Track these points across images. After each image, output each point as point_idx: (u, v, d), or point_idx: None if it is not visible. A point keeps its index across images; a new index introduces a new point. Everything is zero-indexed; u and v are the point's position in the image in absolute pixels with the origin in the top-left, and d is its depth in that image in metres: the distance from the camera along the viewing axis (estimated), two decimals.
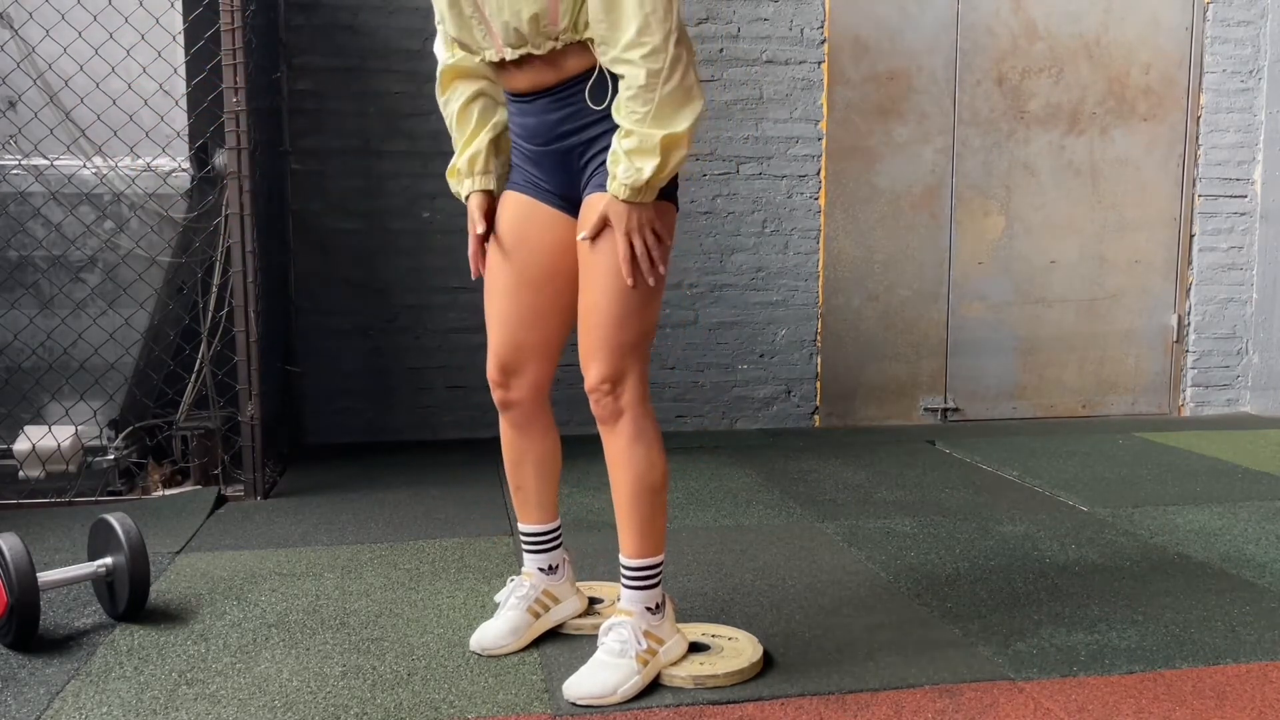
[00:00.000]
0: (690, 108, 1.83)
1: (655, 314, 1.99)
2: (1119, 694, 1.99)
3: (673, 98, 1.81)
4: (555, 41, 1.86)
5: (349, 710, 1.92)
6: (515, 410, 2.15)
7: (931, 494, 3.48)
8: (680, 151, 1.83)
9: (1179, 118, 4.88)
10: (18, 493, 3.36)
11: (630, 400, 1.96)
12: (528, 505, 2.22)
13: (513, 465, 2.21)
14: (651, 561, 2.01)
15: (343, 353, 4.31)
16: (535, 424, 2.17)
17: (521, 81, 1.94)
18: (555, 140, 1.96)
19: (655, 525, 2.01)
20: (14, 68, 3.28)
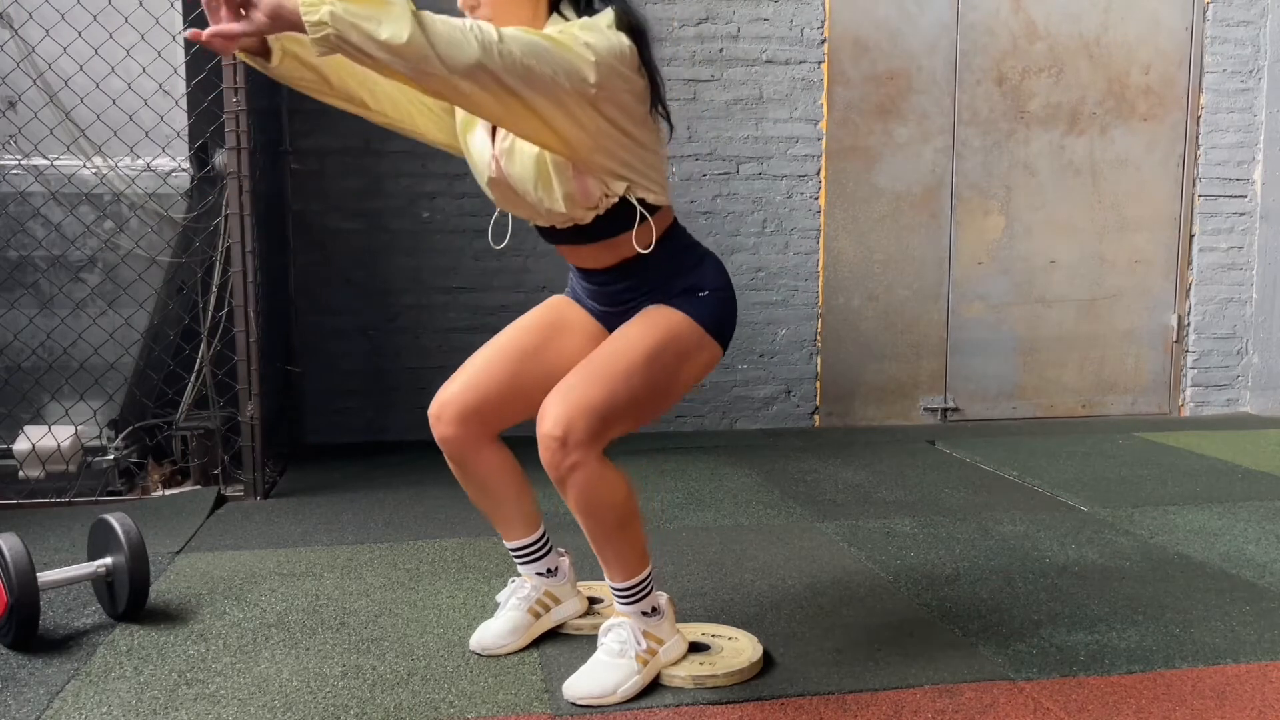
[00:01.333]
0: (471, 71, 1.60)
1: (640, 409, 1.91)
2: (1119, 694, 1.99)
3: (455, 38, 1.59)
4: (597, 209, 1.89)
5: (349, 710, 1.92)
6: (451, 445, 2.07)
7: (931, 494, 3.48)
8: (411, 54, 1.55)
9: (1179, 118, 4.88)
10: (18, 493, 3.36)
11: (578, 458, 1.83)
12: (505, 525, 2.19)
13: (476, 497, 2.16)
14: (637, 580, 1.99)
15: (343, 353, 4.31)
16: (477, 454, 2.09)
17: (584, 262, 2.02)
18: (617, 304, 2.04)
19: (633, 549, 1.96)
20: (14, 68, 3.28)
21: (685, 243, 2.03)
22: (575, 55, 1.70)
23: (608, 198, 1.87)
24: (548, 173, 1.84)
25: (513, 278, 4.37)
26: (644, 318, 1.97)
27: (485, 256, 4.36)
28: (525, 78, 1.64)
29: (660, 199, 1.94)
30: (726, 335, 2.03)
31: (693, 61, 4.44)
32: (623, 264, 1.97)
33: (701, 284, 2.00)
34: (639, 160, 1.87)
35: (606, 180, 1.85)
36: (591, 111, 1.75)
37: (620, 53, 1.75)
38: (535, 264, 4.35)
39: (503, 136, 1.88)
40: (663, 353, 1.92)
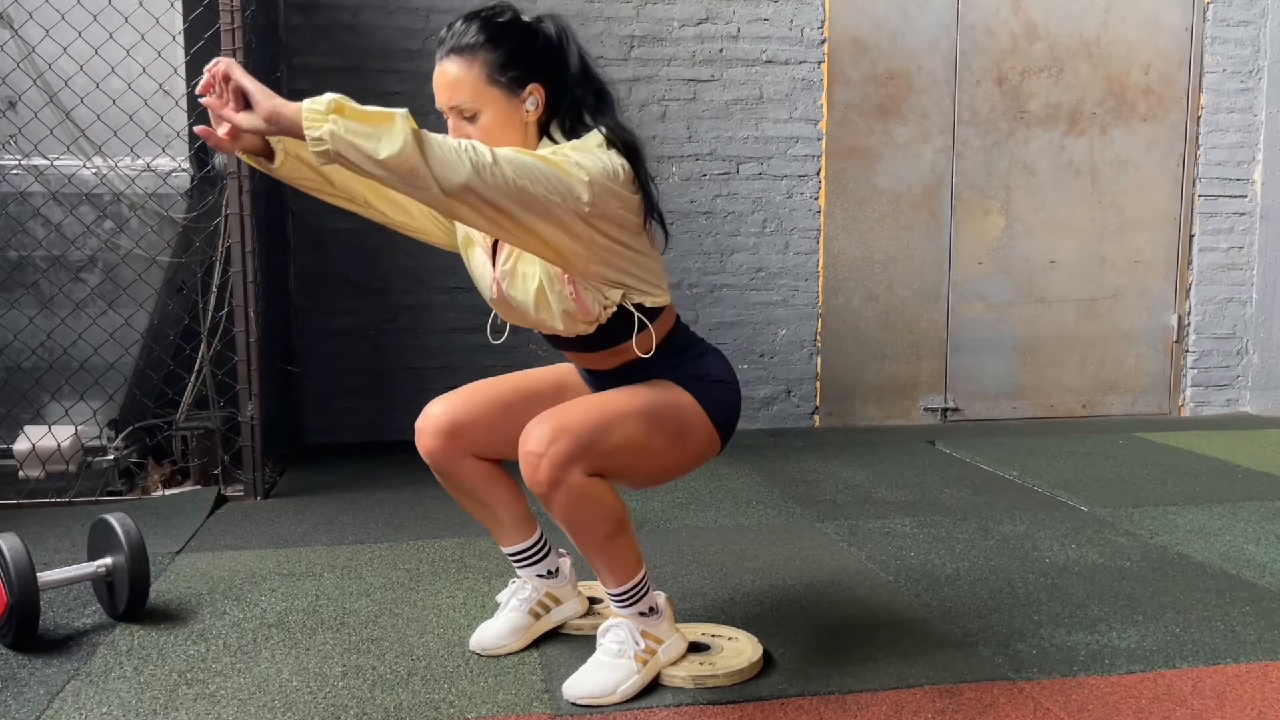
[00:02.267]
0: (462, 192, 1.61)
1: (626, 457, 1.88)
2: (1119, 694, 1.99)
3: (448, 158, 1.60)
4: (599, 319, 1.90)
5: (349, 710, 1.92)
6: (435, 457, 2.08)
7: (931, 494, 3.48)
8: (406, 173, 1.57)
9: (1179, 118, 4.88)
10: (18, 493, 3.36)
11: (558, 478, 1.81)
12: (500, 532, 2.19)
13: (466, 506, 2.16)
14: (630, 584, 1.99)
15: (343, 353, 4.31)
16: (459, 466, 2.09)
17: (591, 365, 2.03)
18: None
19: (623, 557, 1.95)
20: (14, 68, 3.28)
21: (689, 340, 2.05)
22: (568, 175, 1.72)
23: (606, 309, 1.89)
24: (546, 296, 1.86)
25: None
26: (651, 384, 1.98)
27: None
28: (518, 198, 1.66)
29: (659, 300, 1.95)
30: (728, 430, 2.02)
31: (693, 61, 4.44)
32: (629, 365, 1.99)
33: (705, 374, 2.01)
34: (636, 267, 1.89)
35: (603, 290, 1.87)
36: (586, 227, 1.77)
37: (612, 171, 1.78)
38: None
39: (503, 259, 1.90)
40: (661, 414, 1.93)
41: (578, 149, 1.80)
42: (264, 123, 1.59)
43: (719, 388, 2.01)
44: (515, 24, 1.85)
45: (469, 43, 1.82)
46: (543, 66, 1.86)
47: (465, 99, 1.82)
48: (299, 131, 1.57)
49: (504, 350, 3.94)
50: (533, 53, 1.85)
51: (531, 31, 1.87)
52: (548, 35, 1.88)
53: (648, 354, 1.95)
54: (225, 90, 1.62)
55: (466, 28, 1.83)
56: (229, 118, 1.62)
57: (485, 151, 1.64)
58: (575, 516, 1.86)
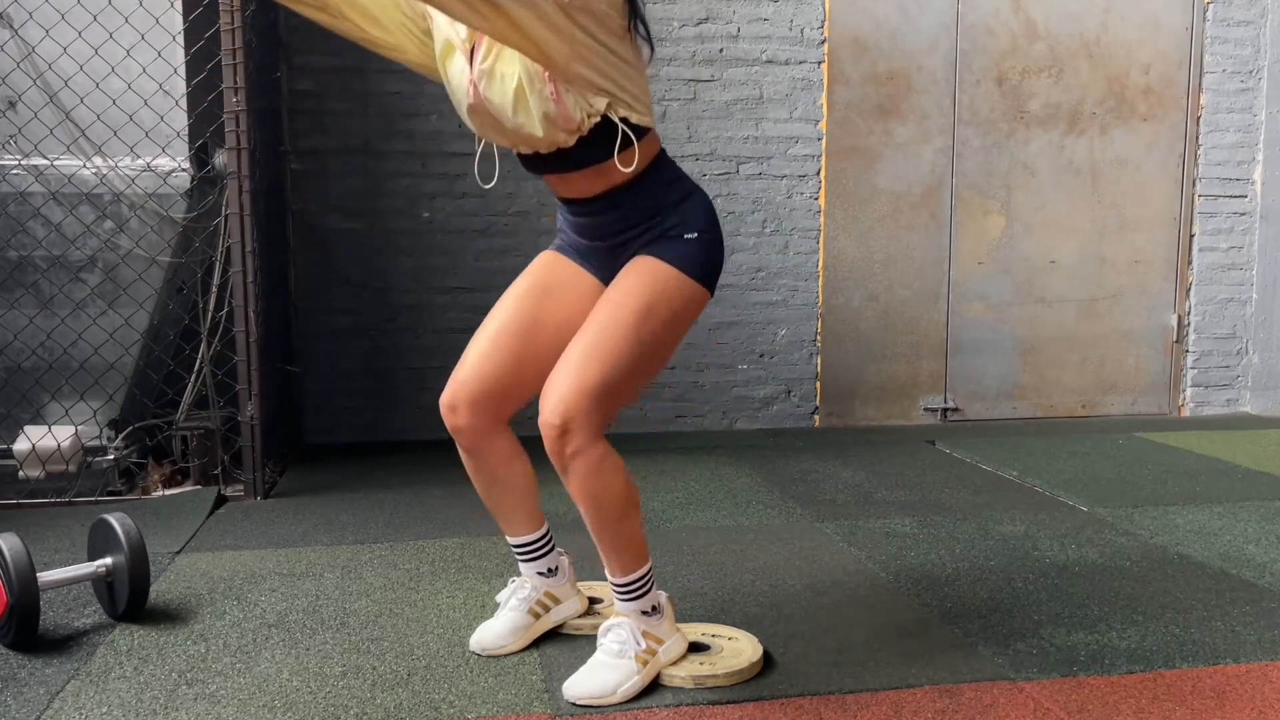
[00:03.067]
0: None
1: (641, 376, 1.93)
2: (1119, 694, 1.99)
3: None
4: (580, 131, 1.86)
5: (349, 710, 1.92)
6: (465, 435, 2.08)
7: (931, 494, 3.48)
8: None
9: (1179, 118, 4.88)
10: (18, 493, 3.36)
11: (579, 444, 1.86)
12: (509, 521, 2.20)
13: (482, 490, 2.16)
14: (637, 575, 2.00)
15: (343, 353, 4.31)
16: (490, 444, 2.10)
17: (571, 191, 1.98)
18: (606, 238, 2.01)
19: (632, 543, 1.97)
20: (14, 68, 3.28)
21: (674, 174, 2.00)
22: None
23: (590, 117, 1.84)
24: (525, 97, 1.81)
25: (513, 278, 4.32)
26: (632, 277, 1.94)
27: (485, 256, 4.36)
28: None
29: (645, 120, 1.91)
30: (714, 278, 2.01)
31: (693, 61, 4.44)
32: (610, 192, 1.94)
33: (689, 224, 1.97)
34: (620, 75, 1.85)
35: (587, 96, 1.82)
36: (567, 21, 1.73)
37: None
38: None
39: (481, 58, 1.84)
40: (653, 313, 1.91)
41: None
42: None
43: (702, 243, 1.97)
44: None
45: None
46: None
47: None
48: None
49: None
50: None
51: None
52: None
53: (629, 169, 1.90)
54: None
55: None
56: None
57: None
58: (592, 488, 1.88)
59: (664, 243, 1.96)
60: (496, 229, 4.34)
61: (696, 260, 1.96)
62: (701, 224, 1.98)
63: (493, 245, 4.35)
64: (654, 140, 1.97)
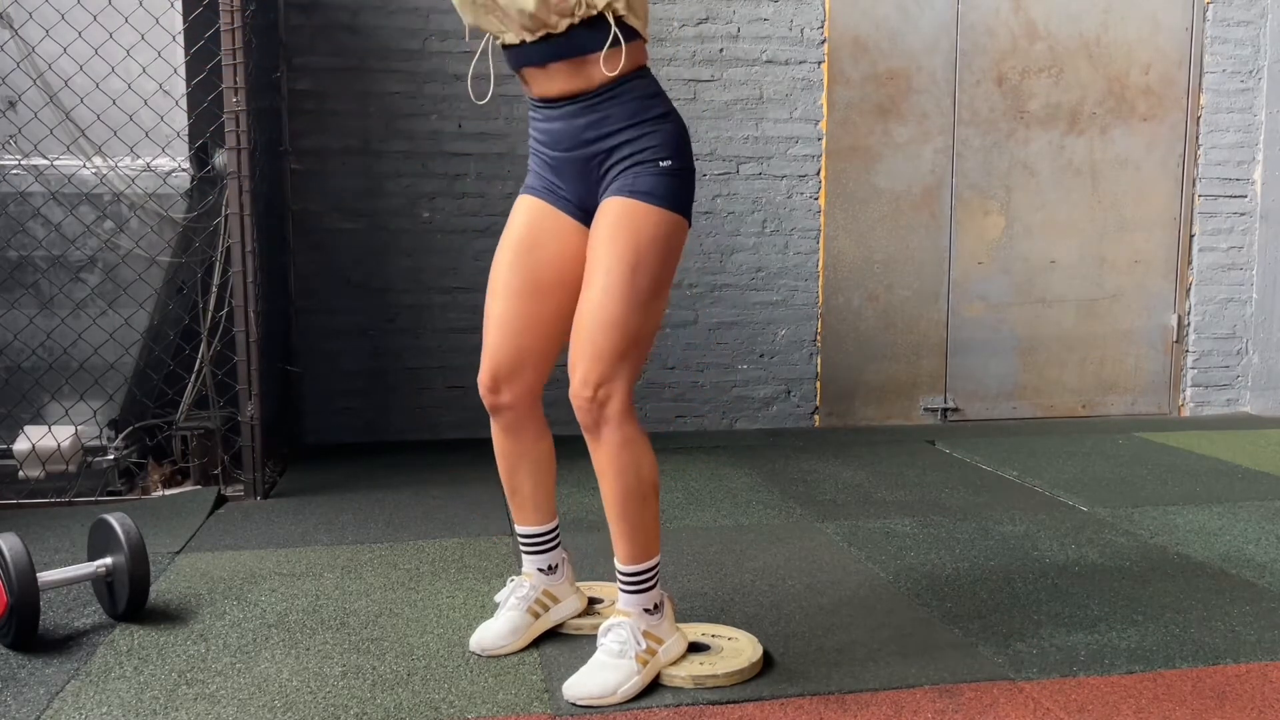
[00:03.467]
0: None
1: (653, 323, 1.98)
2: (1119, 694, 1.99)
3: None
4: (572, 17, 1.86)
5: (349, 710, 1.92)
6: (506, 414, 2.13)
7: (931, 494, 3.48)
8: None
9: (1179, 118, 4.88)
10: (18, 493, 3.36)
11: (614, 410, 1.93)
12: (524, 508, 2.21)
13: (507, 470, 2.19)
14: (646, 566, 2.01)
15: (343, 353, 4.31)
16: (528, 427, 2.15)
17: (551, 88, 1.96)
18: (579, 147, 1.98)
19: (647, 530, 1.99)
20: (14, 68, 3.28)
21: (654, 90, 1.99)
22: None
23: (587, 7, 1.85)
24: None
25: None
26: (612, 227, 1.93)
27: (485, 256, 4.35)
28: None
29: (638, 25, 1.92)
30: (690, 209, 2.02)
31: (693, 61, 4.44)
32: (588, 93, 1.93)
33: (662, 149, 1.96)
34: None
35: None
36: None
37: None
38: None
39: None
40: (642, 262, 1.93)
41: None
42: None
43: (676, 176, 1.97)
44: None
45: None
46: None
47: None
48: None
49: None
50: None
51: None
52: None
53: (613, 71, 1.90)
54: None
55: None
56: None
57: None
58: (622, 461, 1.94)
59: (636, 173, 1.94)
60: (496, 229, 4.31)
61: (672, 192, 1.96)
62: (674, 152, 1.97)
63: (493, 245, 4.28)
64: (641, 50, 1.97)
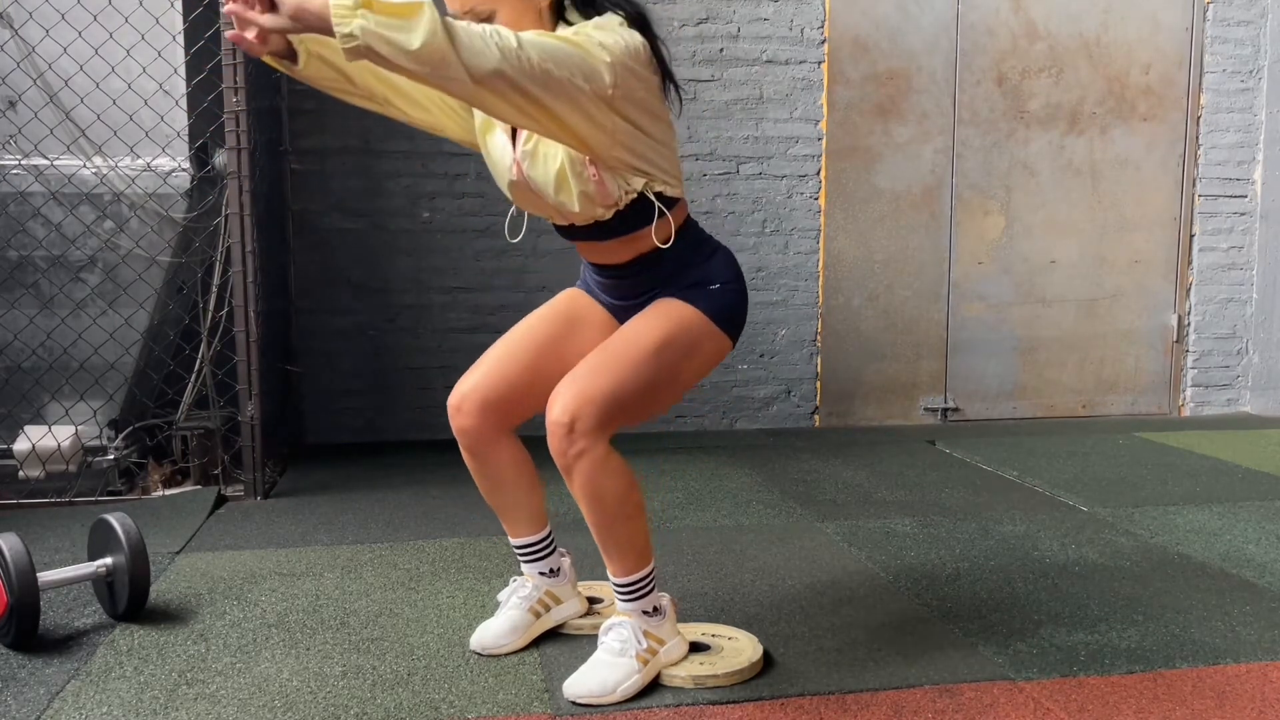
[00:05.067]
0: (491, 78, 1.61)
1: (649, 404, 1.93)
2: (1119, 694, 1.99)
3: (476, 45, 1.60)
4: (617, 205, 1.91)
5: (349, 710, 1.92)
6: (466, 437, 2.08)
7: (931, 494, 3.48)
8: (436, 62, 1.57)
9: (1179, 118, 4.88)
10: (18, 493, 3.36)
11: (583, 447, 1.85)
12: (512, 521, 2.20)
13: (485, 491, 2.17)
14: (638, 576, 1.99)
15: (343, 353, 4.31)
16: (493, 447, 2.10)
17: (604, 258, 2.03)
18: (631, 297, 2.05)
19: (633, 546, 1.97)
20: (14, 68, 3.28)
21: (700, 236, 2.05)
22: (592, 57, 1.71)
23: (627, 194, 1.90)
24: (567, 178, 1.87)
25: (513, 278, 4.37)
26: (655, 310, 1.99)
27: (485, 256, 4.36)
28: (544, 83, 1.66)
29: (676, 191, 1.97)
30: (737, 328, 2.04)
31: (693, 61, 4.44)
32: (640, 258, 1.99)
33: (713, 277, 2.02)
34: (655, 154, 1.90)
35: (625, 176, 1.88)
36: (608, 111, 1.77)
37: (634, 51, 1.78)
38: (535, 264, 4.35)
39: (524, 140, 1.90)
40: (672, 344, 1.94)
41: (600, 28, 1.78)
42: (290, 21, 1.56)
43: (725, 291, 2.01)
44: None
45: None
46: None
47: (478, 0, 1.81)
48: (327, 28, 1.54)
49: None
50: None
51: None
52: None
53: (666, 243, 1.96)
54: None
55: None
56: (254, 19, 1.59)
57: (510, 36, 1.63)
58: (596, 488, 1.88)
59: (688, 290, 2.01)
60: (496, 229, 4.34)
61: (719, 306, 2.00)
62: (726, 275, 2.03)
63: (493, 245, 4.35)
64: (683, 206, 2.02)
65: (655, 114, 1.87)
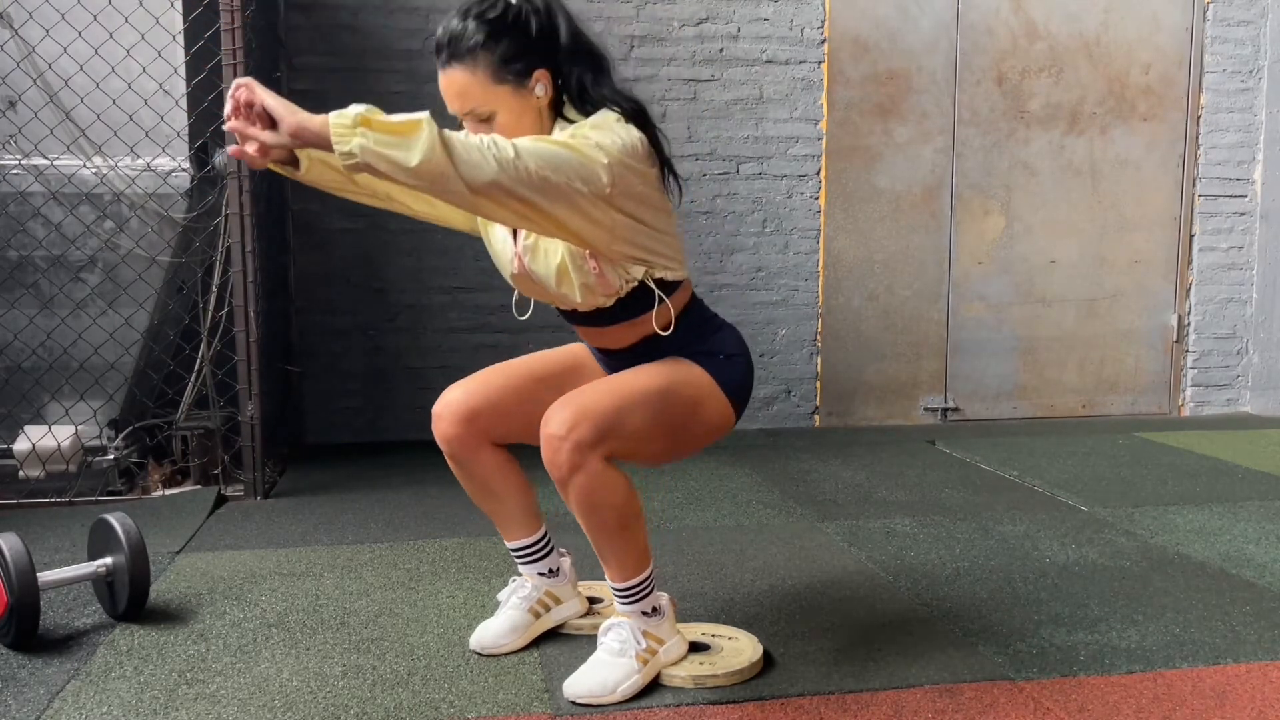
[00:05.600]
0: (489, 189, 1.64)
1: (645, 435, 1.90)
2: (1119, 694, 1.99)
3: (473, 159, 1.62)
4: (619, 293, 1.92)
5: (349, 710, 1.92)
6: (450, 444, 2.08)
7: (931, 494, 3.48)
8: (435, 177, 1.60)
9: (1179, 118, 4.88)
10: (18, 493, 3.36)
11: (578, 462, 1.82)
12: (507, 525, 2.20)
13: (476, 497, 2.16)
14: (638, 580, 1.99)
15: (343, 353, 4.31)
16: (476, 455, 2.09)
17: (607, 343, 2.05)
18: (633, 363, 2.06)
19: (631, 552, 1.96)
20: (14, 68, 3.28)
21: (704, 315, 2.07)
22: (589, 159, 1.73)
23: (628, 283, 1.92)
24: (568, 271, 1.89)
25: None
26: (663, 360, 2.00)
27: (485, 256, 4.32)
28: (541, 189, 1.67)
29: (678, 274, 1.98)
30: (741, 400, 2.04)
31: (693, 61, 4.44)
32: (643, 341, 2.01)
33: (720, 349, 2.04)
34: (656, 243, 1.91)
35: (626, 266, 1.90)
36: (607, 208, 1.79)
37: (631, 147, 1.80)
38: None
39: (525, 235, 1.93)
40: (677, 392, 1.94)
41: (597, 127, 1.79)
42: (290, 139, 1.60)
43: (731, 362, 2.03)
44: (507, 14, 1.83)
45: (468, 46, 1.81)
46: (543, 49, 1.86)
47: (477, 103, 1.83)
48: (326, 145, 1.58)
49: (506, 348, 3.94)
50: (530, 39, 1.84)
51: (524, 17, 1.85)
52: (538, 12, 1.86)
53: (666, 329, 1.98)
54: (249, 113, 1.63)
55: (462, 28, 1.82)
56: (256, 136, 1.63)
57: (507, 146, 1.64)
58: (591, 502, 1.87)
59: (695, 355, 2.02)
60: None
61: (725, 373, 2.01)
62: (733, 349, 2.05)
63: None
64: (687, 289, 2.03)
65: (654, 205, 1.89)
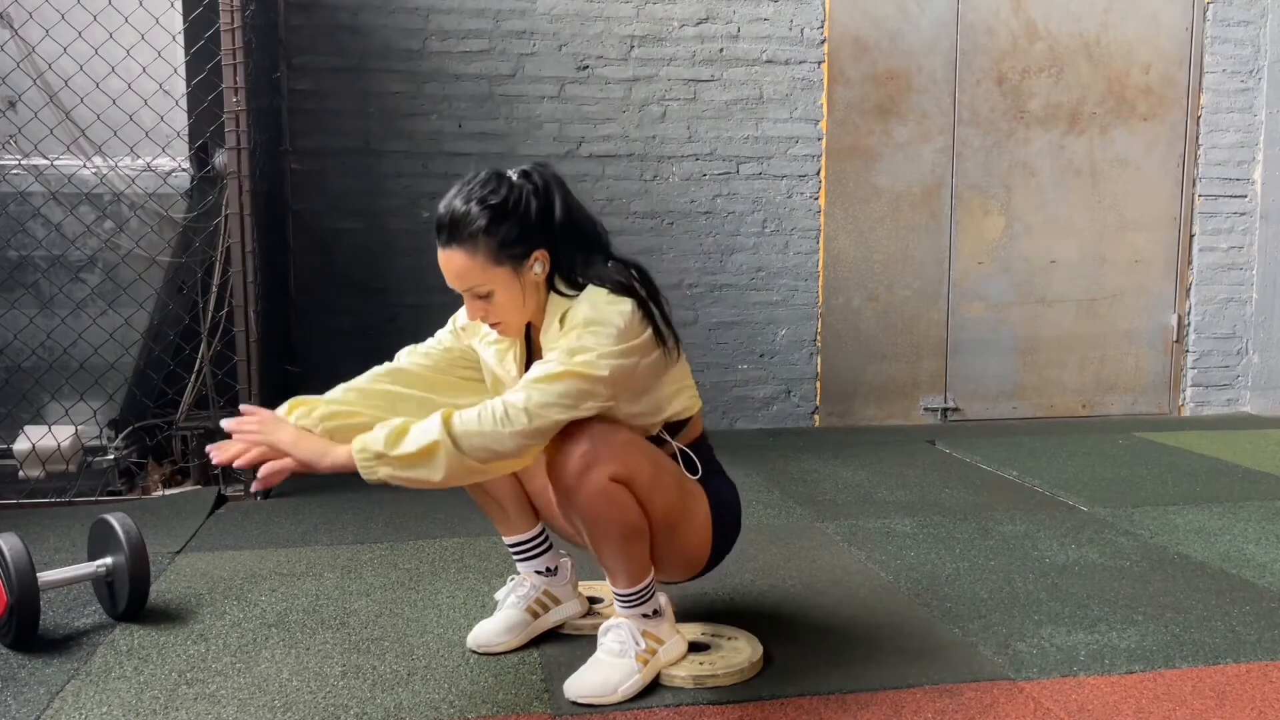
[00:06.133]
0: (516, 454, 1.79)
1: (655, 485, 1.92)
2: (1119, 694, 1.99)
3: (495, 444, 1.76)
4: None
5: (349, 710, 1.92)
6: None
7: (931, 494, 3.48)
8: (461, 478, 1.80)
9: (1179, 118, 4.88)
10: (18, 493, 3.36)
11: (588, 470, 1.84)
12: (505, 519, 2.20)
13: (472, 492, 2.16)
14: (639, 587, 1.99)
15: (343, 353, 4.31)
16: None
17: None
18: None
19: (638, 559, 1.96)
20: (14, 68, 3.28)
21: (708, 457, 2.10)
22: (590, 380, 1.80)
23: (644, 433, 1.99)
24: None
25: None
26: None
27: None
28: (554, 428, 1.81)
29: (690, 408, 2.04)
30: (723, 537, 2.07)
31: (693, 61, 4.44)
32: None
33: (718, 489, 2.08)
34: (664, 398, 1.99)
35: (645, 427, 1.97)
36: (614, 405, 1.87)
37: (625, 332, 1.84)
38: None
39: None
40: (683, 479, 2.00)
41: (590, 324, 1.83)
42: (304, 468, 1.81)
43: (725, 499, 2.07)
44: (508, 199, 1.86)
45: (470, 231, 1.85)
46: (541, 229, 1.90)
47: (476, 283, 1.90)
48: (348, 470, 1.77)
49: None
50: (529, 221, 1.88)
51: (523, 199, 1.88)
52: (537, 192, 1.90)
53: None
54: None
55: (465, 211, 1.85)
56: (287, 468, 1.81)
57: (518, 415, 1.75)
58: (598, 513, 1.88)
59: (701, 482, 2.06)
60: None
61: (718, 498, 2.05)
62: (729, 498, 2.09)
63: None
64: (698, 422, 2.09)
65: (657, 371, 1.93)
